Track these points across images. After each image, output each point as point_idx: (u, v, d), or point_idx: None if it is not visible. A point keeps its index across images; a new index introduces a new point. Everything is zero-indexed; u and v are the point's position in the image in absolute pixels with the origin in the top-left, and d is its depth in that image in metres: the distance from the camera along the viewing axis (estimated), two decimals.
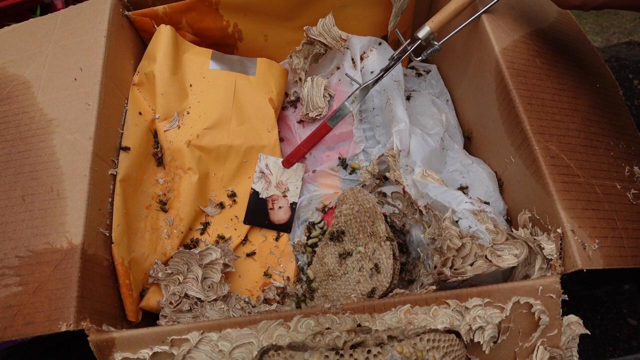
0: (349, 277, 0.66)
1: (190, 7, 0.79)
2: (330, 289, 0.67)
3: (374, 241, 0.66)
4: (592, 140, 0.65)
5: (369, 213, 0.68)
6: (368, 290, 0.64)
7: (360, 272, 0.66)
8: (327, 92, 0.82)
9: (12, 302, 0.53)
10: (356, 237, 0.68)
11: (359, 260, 0.67)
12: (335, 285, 0.67)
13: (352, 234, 0.69)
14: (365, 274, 0.65)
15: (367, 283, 0.64)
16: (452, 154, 0.79)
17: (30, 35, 0.72)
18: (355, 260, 0.67)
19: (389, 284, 0.63)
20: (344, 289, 0.66)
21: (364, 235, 0.68)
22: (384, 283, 0.63)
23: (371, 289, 0.63)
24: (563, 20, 0.78)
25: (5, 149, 0.62)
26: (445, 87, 0.88)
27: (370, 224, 0.68)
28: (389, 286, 0.64)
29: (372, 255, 0.66)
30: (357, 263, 0.67)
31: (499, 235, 0.61)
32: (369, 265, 0.65)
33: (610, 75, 0.74)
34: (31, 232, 0.56)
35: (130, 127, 0.70)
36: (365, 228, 0.68)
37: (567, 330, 0.56)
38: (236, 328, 0.53)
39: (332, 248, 0.70)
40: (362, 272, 0.65)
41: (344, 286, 0.66)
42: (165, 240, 0.69)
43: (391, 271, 0.63)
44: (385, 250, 0.65)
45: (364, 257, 0.66)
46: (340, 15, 0.82)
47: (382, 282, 0.63)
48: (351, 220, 0.70)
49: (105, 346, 0.52)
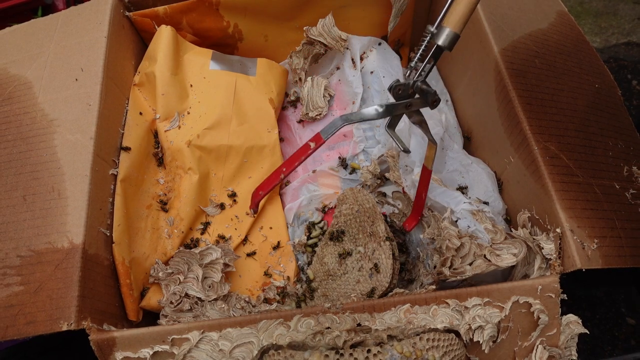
0: (349, 277, 0.66)
1: (191, 7, 0.79)
2: (330, 289, 0.67)
3: (373, 241, 0.66)
4: (591, 140, 0.65)
5: (369, 213, 0.69)
6: (368, 290, 0.64)
7: (360, 272, 0.66)
8: (327, 92, 0.82)
9: (14, 301, 0.53)
10: (356, 237, 0.69)
11: (359, 260, 0.67)
12: (335, 285, 0.67)
13: (351, 233, 0.69)
14: (365, 274, 0.65)
15: (366, 283, 0.65)
16: (451, 154, 0.79)
17: (31, 36, 0.73)
18: (355, 260, 0.67)
19: (389, 283, 0.64)
20: (344, 288, 0.66)
21: (364, 235, 0.68)
22: (383, 283, 0.63)
23: (371, 288, 0.64)
24: (562, 21, 0.78)
25: (7, 149, 0.62)
26: (445, 87, 0.88)
27: (370, 224, 0.68)
28: (389, 286, 0.64)
29: (372, 255, 0.66)
30: (356, 263, 0.67)
31: (497, 235, 0.62)
32: (368, 265, 0.65)
33: (609, 76, 0.75)
34: (32, 232, 0.57)
35: (131, 127, 0.70)
36: (364, 228, 0.68)
37: (566, 330, 0.56)
38: (236, 327, 0.53)
39: (331, 248, 0.70)
40: (362, 272, 0.66)
41: (343, 286, 0.66)
42: (166, 240, 0.69)
43: (390, 271, 0.64)
44: (385, 250, 0.65)
45: (364, 257, 0.67)
46: (340, 15, 0.82)
47: (382, 281, 0.63)
48: (351, 220, 0.70)
49: (106, 345, 0.52)
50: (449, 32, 0.49)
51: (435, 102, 0.54)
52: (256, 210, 0.60)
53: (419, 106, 0.55)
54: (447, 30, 0.49)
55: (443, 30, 0.49)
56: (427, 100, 0.53)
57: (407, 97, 0.54)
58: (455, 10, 0.49)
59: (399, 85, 0.53)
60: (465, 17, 0.48)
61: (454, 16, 0.49)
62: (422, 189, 0.65)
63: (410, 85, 0.53)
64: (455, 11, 0.49)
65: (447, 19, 0.49)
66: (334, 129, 0.54)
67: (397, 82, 0.53)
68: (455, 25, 0.49)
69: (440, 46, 0.50)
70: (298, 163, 0.53)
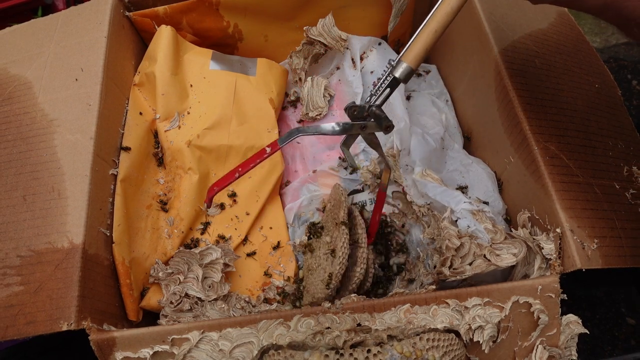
0: (320, 268, 0.67)
1: (191, 7, 0.79)
2: (309, 283, 0.68)
3: (337, 229, 0.67)
4: (591, 140, 0.65)
5: (338, 204, 0.69)
6: (326, 276, 0.64)
7: (326, 261, 0.66)
8: (327, 92, 0.82)
9: (14, 301, 0.53)
10: (329, 229, 0.69)
11: (326, 251, 0.67)
12: (312, 279, 0.68)
13: (328, 227, 0.70)
14: (329, 262, 0.65)
15: (328, 270, 0.65)
16: (452, 154, 0.80)
17: (31, 36, 0.73)
18: (324, 250, 0.68)
19: (341, 267, 0.63)
20: (317, 280, 0.66)
21: (333, 225, 0.69)
22: (336, 267, 0.63)
23: (329, 274, 0.63)
24: (562, 21, 0.78)
25: (7, 149, 0.62)
26: (445, 87, 0.88)
27: (337, 214, 0.68)
28: (352, 274, 0.64)
29: (334, 242, 0.66)
30: (324, 253, 0.68)
31: (497, 235, 0.62)
32: (329, 251, 0.66)
33: (609, 76, 0.75)
34: (32, 232, 0.57)
35: (131, 127, 0.70)
36: (335, 219, 0.69)
37: (566, 330, 0.56)
38: (236, 327, 0.53)
39: (314, 244, 0.72)
40: (327, 261, 0.66)
41: (317, 278, 0.67)
42: (166, 240, 0.69)
43: (342, 253, 0.63)
44: (340, 235, 0.65)
45: (329, 246, 0.67)
46: (340, 15, 0.82)
47: (335, 265, 0.63)
48: (328, 215, 0.72)
49: (106, 345, 0.52)
50: (405, 66, 0.54)
51: (388, 127, 0.58)
52: (209, 205, 0.63)
53: (374, 130, 0.59)
54: (404, 64, 0.54)
55: (401, 64, 0.54)
56: (381, 124, 0.58)
57: (363, 119, 0.58)
58: (412, 48, 0.54)
59: (354, 106, 0.57)
60: (420, 55, 0.54)
61: (411, 53, 0.54)
62: (376, 211, 0.69)
63: (366, 109, 0.57)
64: (412, 48, 0.54)
65: (405, 55, 0.54)
66: (289, 138, 0.58)
67: (353, 104, 0.57)
68: (412, 61, 0.54)
69: (397, 78, 0.54)
70: (253, 165, 0.58)
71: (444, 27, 0.53)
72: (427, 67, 0.91)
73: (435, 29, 0.53)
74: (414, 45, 0.54)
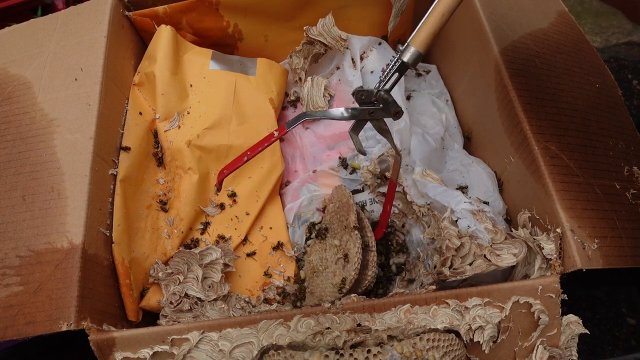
0: (328, 271, 0.67)
1: (191, 7, 0.79)
2: (315, 285, 0.68)
3: (347, 233, 0.67)
4: (592, 140, 0.65)
5: (345, 207, 0.69)
6: (339, 281, 0.64)
7: (336, 264, 0.66)
8: (327, 92, 0.82)
9: (13, 301, 0.53)
10: (336, 232, 0.69)
11: (335, 253, 0.68)
12: (318, 281, 0.68)
13: (334, 229, 0.70)
14: (340, 266, 0.66)
15: (340, 274, 0.65)
16: (452, 154, 0.79)
17: (31, 36, 0.72)
18: (333, 253, 0.68)
19: (357, 273, 0.63)
20: (325, 283, 0.66)
21: (341, 228, 0.69)
22: (351, 272, 0.63)
23: (342, 279, 0.64)
24: (562, 21, 0.78)
25: (6, 149, 0.62)
26: (445, 87, 0.88)
27: (345, 217, 0.68)
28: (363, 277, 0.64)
29: (345, 246, 0.66)
30: (334, 256, 0.68)
31: (497, 235, 0.61)
32: (342, 256, 0.66)
33: (610, 76, 0.75)
34: (32, 232, 0.57)
35: (131, 127, 0.70)
36: (342, 222, 0.69)
37: (567, 330, 0.56)
38: (236, 328, 0.53)
39: (317, 246, 0.71)
40: (338, 265, 0.66)
41: (325, 280, 0.67)
42: (166, 240, 0.69)
43: (357, 259, 0.63)
44: (353, 239, 0.65)
45: (339, 250, 0.67)
46: (340, 15, 0.82)
47: (350, 271, 0.63)
48: (333, 216, 0.71)
49: (105, 346, 0.52)
50: (413, 50, 0.54)
51: (397, 113, 0.58)
52: (219, 188, 0.63)
53: (382, 115, 0.59)
54: (412, 49, 0.55)
55: (409, 48, 0.55)
56: (389, 110, 0.57)
57: (371, 104, 0.57)
58: (420, 32, 0.55)
59: (362, 90, 0.57)
60: (429, 39, 0.54)
61: (418, 37, 0.55)
62: (388, 202, 0.69)
63: (374, 94, 0.56)
64: (419, 33, 0.55)
65: (413, 39, 0.55)
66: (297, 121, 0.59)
67: (361, 88, 0.57)
68: (420, 45, 0.54)
69: (405, 62, 0.55)
70: (262, 148, 0.61)
71: (450, 11, 0.54)
72: (427, 67, 0.91)
73: (442, 13, 0.54)
74: (421, 30, 0.54)
